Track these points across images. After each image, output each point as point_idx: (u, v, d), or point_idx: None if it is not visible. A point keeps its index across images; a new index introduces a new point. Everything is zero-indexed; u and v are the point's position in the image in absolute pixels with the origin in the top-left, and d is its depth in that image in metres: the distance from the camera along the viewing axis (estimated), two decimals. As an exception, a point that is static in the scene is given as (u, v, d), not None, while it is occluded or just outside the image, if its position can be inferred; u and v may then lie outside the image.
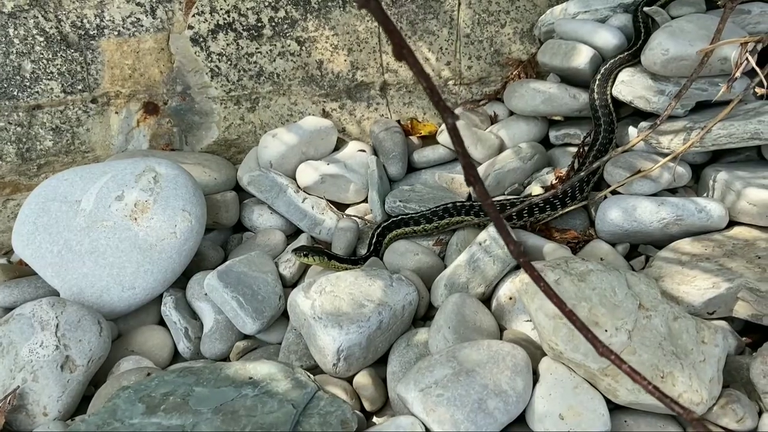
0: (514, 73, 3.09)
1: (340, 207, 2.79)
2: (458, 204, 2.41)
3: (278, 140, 2.77)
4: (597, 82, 2.58)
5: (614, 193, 2.45)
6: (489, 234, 2.17)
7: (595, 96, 2.58)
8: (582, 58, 2.61)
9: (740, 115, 2.32)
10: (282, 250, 2.57)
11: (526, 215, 2.40)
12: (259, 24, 2.91)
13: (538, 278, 1.19)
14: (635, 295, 1.81)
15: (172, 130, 3.01)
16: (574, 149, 2.71)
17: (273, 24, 2.92)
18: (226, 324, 2.24)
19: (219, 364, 1.90)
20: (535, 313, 1.79)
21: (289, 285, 2.39)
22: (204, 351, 2.24)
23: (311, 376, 1.82)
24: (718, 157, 2.57)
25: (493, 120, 3.03)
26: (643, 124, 2.48)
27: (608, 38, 2.62)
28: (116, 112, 2.93)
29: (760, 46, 2.04)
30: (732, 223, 2.33)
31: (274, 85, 2.99)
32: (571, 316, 1.22)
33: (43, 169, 2.91)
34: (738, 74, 2.10)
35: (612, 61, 2.58)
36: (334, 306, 2.00)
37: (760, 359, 1.79)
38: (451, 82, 3.14)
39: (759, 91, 2.07)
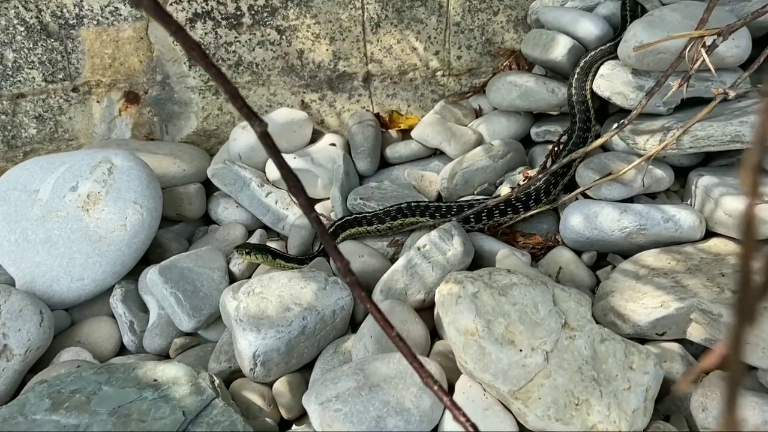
0: (504, 63, 2.92)
1: (311, 202, 2.71)
2: (413, 204, 2.29)
3: (248, 132, 2.71)
4: (576, 75, 2.40)
5: (586, 197, 2.27)
6: (430, 239, 2.05)
7: (573, 91, 2.39)
8: (559, 49, 2.43)
9: (725, 115, 2.10)
10: (241, 245, 2.52)
11: (485, 218, 2.25)
12: (239, 12, 2.85)
13: (365, 298, 1.10)
14: (561, 313, 1.66)
15: (152, 120, 3.01)
16: (555, 147, 2.53)
17: (252, 12, 2.86)
18: (167, 319, 2.22)
19: (133, 363, 1.88)
20: (448, 327, 1.67)
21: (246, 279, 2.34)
22: (145, 345, 2.22)
23: (216, 381, 1.76)
24: (710, 159, 2.35)
25: (478, 114, 2.88)
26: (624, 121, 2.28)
27: (590, 28, 2.42)
28: (98, 101, 2.95)
29: (720, 40, 1.81)
30: (712, 234, 2.12)
31: (253, 75, 2.94)
32: (397, 341, 1.11)
33: (29, 156, 2.97)
34: (693, 71, 1.88)
35: (593, 53, 2.39)
36: (260, 308, 1.94)
37: (700, 391, 1.62)
38: (439, 73, 3.00)
39: (715, 91, 1.85)
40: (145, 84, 2.95)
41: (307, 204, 1.05)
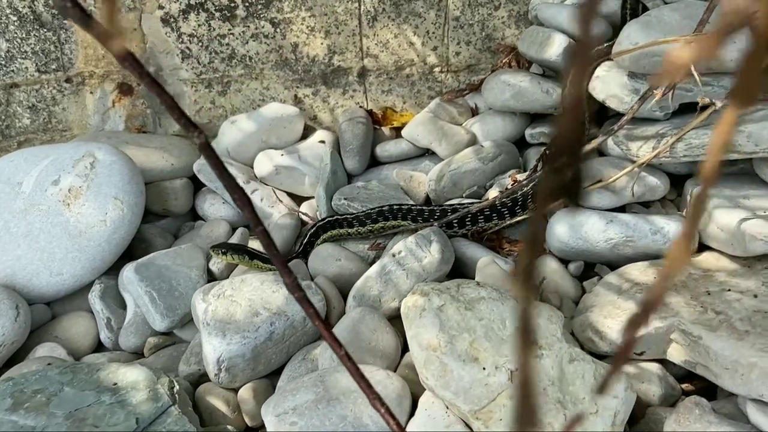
0: (503, 61, 2.83)
1: (299, 200, 2.66)
2: (395, 207, 2.22)
3: (236, 128, 2.67)
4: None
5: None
6: (406, 245, 1.98)
7: (566, 92, 2.29)
8: (554, 48, 2.33)
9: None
10: (224, 242, 2.48)
11: (469, 223, 2.18)
12: (233, 4, 2.80)
13: (314, 315, 1.05)
14: (529, 331, 1.58)
15: (146, 112, 2.98)
16: (549, 150, 2.44)
17: (247, 4, 2.80)
18: (143, 318, 2.19)
19: (98, 364, 1.85)
20: (411, 341, 1.61)
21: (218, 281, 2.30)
22: (121, 343, 2.20)
23: (175, 387, 1.73)
24: (709, 167, 2.23)
25: (474, 113, 2.79)
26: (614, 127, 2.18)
27: (586, 27, 2.31)
28: (91, 92, 2.93)
29: (709, 46, 1.71)
30: (706, 248, 2.01)
31: (246, 68, 2.89)
32: (345, 360, 1.06)
33: (23, 146, 2.96)
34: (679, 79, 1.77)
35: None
36: (228, 312, 1.90)
37: (674, 417, 1.54)
38: (437, 69, 2.92)
39: (701, 100, 1.74)
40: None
41: (254, 217, 1.00)
